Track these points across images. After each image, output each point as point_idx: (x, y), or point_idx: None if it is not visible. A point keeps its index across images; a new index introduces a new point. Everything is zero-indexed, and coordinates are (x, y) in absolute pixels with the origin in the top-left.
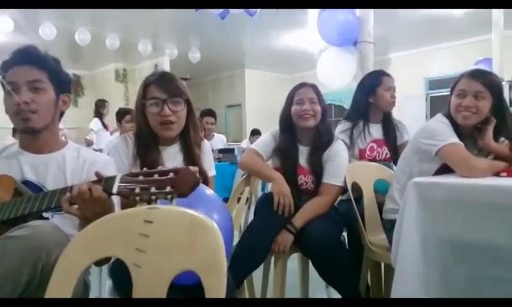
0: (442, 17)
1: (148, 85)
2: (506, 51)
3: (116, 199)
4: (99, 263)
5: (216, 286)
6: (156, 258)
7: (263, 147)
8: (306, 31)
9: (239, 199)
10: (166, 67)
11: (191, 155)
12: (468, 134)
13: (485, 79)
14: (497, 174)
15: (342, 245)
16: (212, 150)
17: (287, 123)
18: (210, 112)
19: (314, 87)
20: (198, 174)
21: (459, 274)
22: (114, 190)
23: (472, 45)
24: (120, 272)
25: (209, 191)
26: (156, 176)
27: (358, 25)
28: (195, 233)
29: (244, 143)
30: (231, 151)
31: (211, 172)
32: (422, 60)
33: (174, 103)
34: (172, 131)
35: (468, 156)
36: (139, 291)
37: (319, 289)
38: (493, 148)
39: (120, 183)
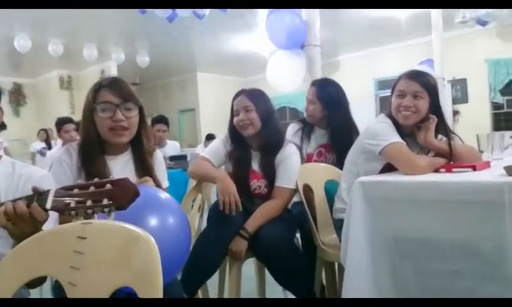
0: (387, 19)
1: (100, 89)
2: (446, 52)
3: (53, 216)
4: (33, 284)
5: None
6: (91, 275)
7: (213, 154)
8: (256, 33)
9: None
10: (113, 72)
11: (143, 165)
12: (409, 133)
13: (422, 80)
14: (437, 170)
15: (295, 247)
16: (165, 158)
17: (234, 131)
18: (161, 119)
19: (250, 95)
20: (154, 185)
21: (406, 270)
22: (48, 205)
23: (416, 46)
24: (61, 292)
25: (165, 195)
26: (92, 189)
27: (305, 29)
28: (130, 247)
29: (199, 148)
30: (183, 157)
31: (164, 183)
32: (370, 61)
33: (127, 109)
34: (124, 137)
35: (409, 154)
36: None
37: (276, 293)
38: (434, 145)
39: (54, 197)
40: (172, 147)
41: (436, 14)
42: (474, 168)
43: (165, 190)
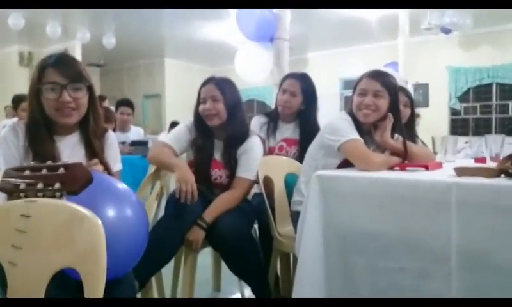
0: (356, 21)
1: (45, 68)
2: (411, 56)
3: (1, 196)
4: None
5: (95, 284)
6: (33, 255)
7: (175, 140)
8: (227, 23)
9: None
10: (77, 52)
11: (93, 147)
12: (368, 131)
13: (383, 79)
14: (391, 168)
15: (251, 238)
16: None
17: (199, 119)
18: (126, 102)
19: (219, 84)
20: (103, 168)
21: (356, 263)
22: None
23: (382, 48)
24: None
25: (121, 185)
26: (44, 172)
27: (275, 22)
28: (74, 228)
29: (163, 136)
30: (144, 143)
31: (116, 166)
32: (338, 61)
33: (74, 90)
34: (72, 118)
35: (366, 151)
36: (13, 291)
37: (232, 283)
38: (390, 144)
39: (3, 178)
40: (136, 133)
41: (403, 19)
42: (427, 168)
43: (117, 173)
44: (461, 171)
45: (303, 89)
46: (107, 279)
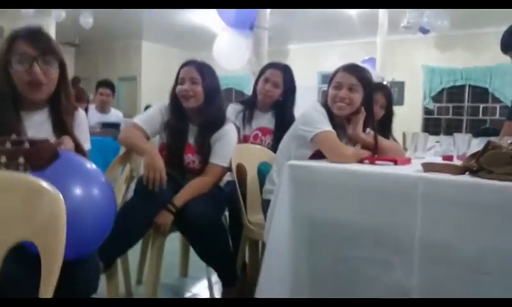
0: (337, 16)
1: (16, 38)
2: (388, 54)
3: None
4: None
5: (53, 259)
6: None
7: (147, 121)
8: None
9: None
10: (52, 30)
11: (62, 125)
12: (341, 124)
13: (358, 74)
14: (361, 161)
15: (220, 225)
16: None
17: (175, 100)
18: (106, 83)
19: (199, 67)
20: (74, 146)
21: (324, 252)
22: None
23: (361, 44)
24: None
25: (90, 164)
26: (8, 145)
27: (255, 10)
28: (33, 200)
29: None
30: (116, 125)
31: (86, 145)
32: (317, 54)
33: (45, 62)
34: (41, 93)
35: (337, 143)
36: None
37: (199, 268)
38: (361, 138)
39: None
40: (115, 116)
41: (383, 16)
42: (395, 162)
43: (86, 153)
44: (428, 167)
45: (285, 80)
46: (71, 257)
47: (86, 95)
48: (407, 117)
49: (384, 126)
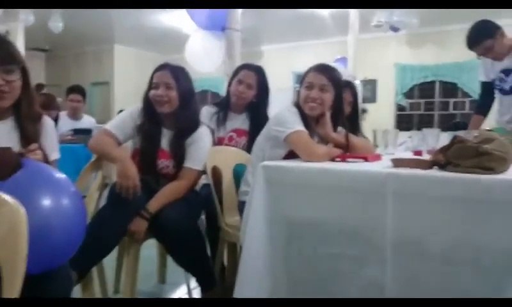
0: (309, 16)
1: None
2: (360, 52)
3: None
4: None
5: (13, 273)
6: None
7: (118, 127)
8: (180, 11)
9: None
10: (20, 35)
11: (26, 133)
12: (313, 123)
13: (329, 74)
14: (333, 159)
15: (196, 229)
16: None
17: (148, 104)
18: (77, 89)
19: (174, 72)
20: (41, 155)
21: (300, 251)
22: None
23: (334, 44)
24: None
25: (59, 174)
26: None
27: (226, 11)
28: None
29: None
30: (88, 132)
31: (54, 154)
32: (291, 55)
33: (7, 72)
34: (4, 101)
35: (310, 143)
36: None
37: (178, 274)
38: (331, 137)
39: None
40: (88, 122)
41: (353, 15)
42: (366, 159)
43: (54, 162)
44: (397, 163)
45: (259, 82)
46: (40, 270)
47: (55, 102)
48: (380, 114)
49: (352, 123)
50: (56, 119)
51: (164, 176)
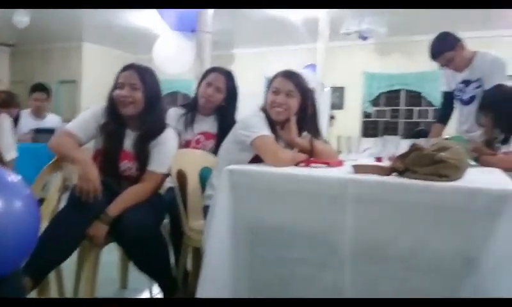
0: (281, 21)
1: None
2: (329, 59)
3: None
4: None
5: None
6: None
7: (80, 127)
8: (151, 10)
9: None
10: None
11: None
12: (279, 128)
13: (295, 80)
14: (297, 164)
15: (157, 233)
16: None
17: (113, 104)
18: (41, 87)
19: (141, 72)
20: None
21: (263, 256)
22: None
23: (304, 50)
24: None
25: (11, 176)
26: None
27: (197, 13)
28: None
29: None
30: (51, 131)
31: (10, 154)
32: (263, 59)
33: None
34: None
35: (275, 147)
36: None
37: (140, 280)
38: (296, 141)
39: None
40: (52, 121)
41: (323, 22)
42: (328, 165)
43: (10, 162)
44: (357, 169)
45: (228, 85)
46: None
47: (16, 100)
48: (347, 121)
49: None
50: (16, 118)
51: (126, 178)
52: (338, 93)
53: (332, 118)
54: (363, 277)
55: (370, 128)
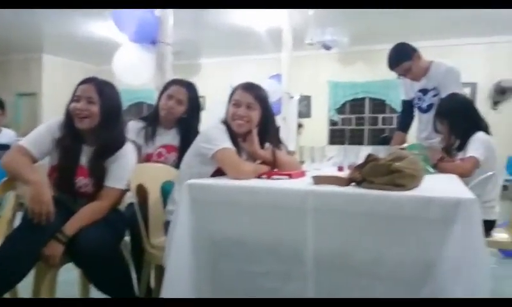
0: (245, 31)
1: None
2: (295, 69)
3: None
4: None
5: None
6: None
7: (35, 143)
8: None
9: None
10: None
11: None
12: (240, 140)
13: (256, 92)
14: (259, 176)
15: (116, 251)
16: None
17: (69, 118)
18: None
19: (99, 86)
20: None
21: (224, 271)
22: None
23: (270, 60)
24: None
25: None
26: None
27: (157, 24)
28: None
29: None
30: (5, 147)
31: None
32: (229, 69)
33: None
34: None
35: (236, 160)
36: None
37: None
38: (258, 153)
39: None
40: (7, 136)
41: (286, 33)
42: (290, 176)
43: None
44: (317, 180)
45: (190, 97)
46: None
47: None
48: (314, 129)
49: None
50: None
51: (82, 195)
52: (305, 101)
53: (300, 126)
54: (327, 288)
55: (337, 136)
